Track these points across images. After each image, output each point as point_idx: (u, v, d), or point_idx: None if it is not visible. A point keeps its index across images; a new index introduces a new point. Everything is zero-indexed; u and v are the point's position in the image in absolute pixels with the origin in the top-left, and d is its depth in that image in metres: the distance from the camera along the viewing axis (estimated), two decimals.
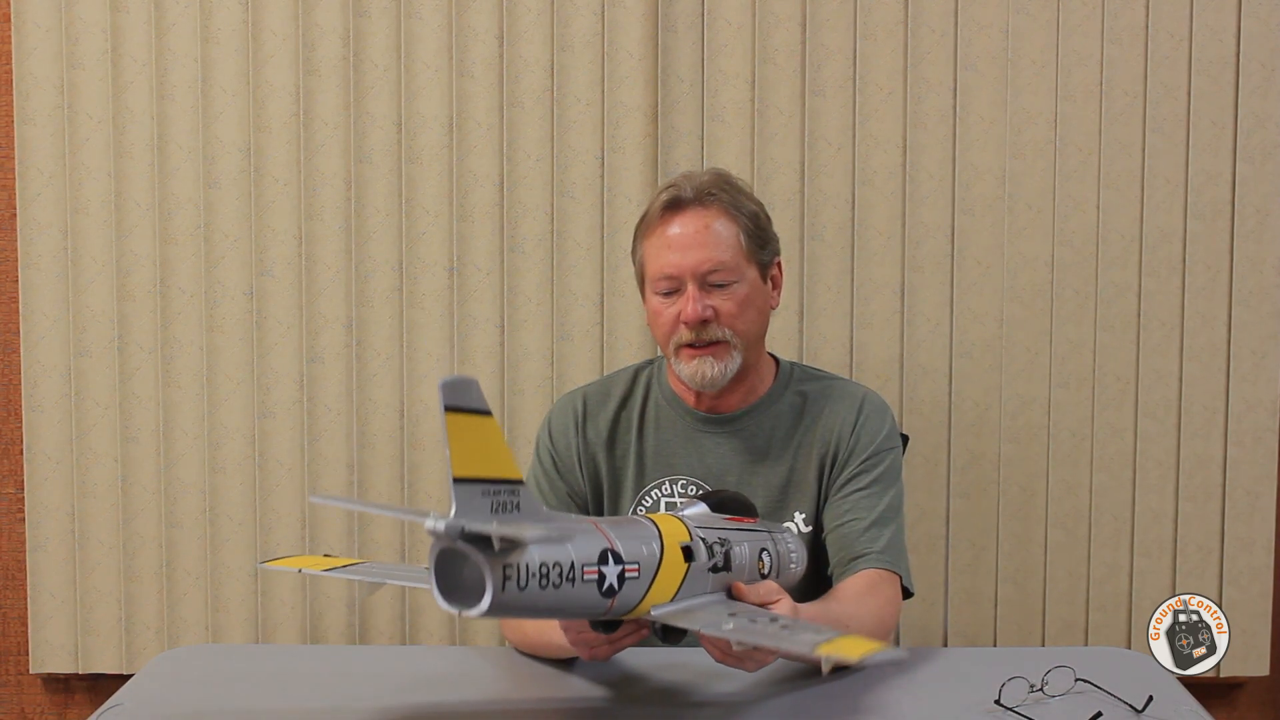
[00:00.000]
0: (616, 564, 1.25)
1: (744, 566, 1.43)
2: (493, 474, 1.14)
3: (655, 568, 1.30)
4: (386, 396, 2.35)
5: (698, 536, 1.38)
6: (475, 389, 1.13)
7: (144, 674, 1.67)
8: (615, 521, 1.32)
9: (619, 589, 1.26)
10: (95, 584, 2.38)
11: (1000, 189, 2.32)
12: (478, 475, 1.13)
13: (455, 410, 1.11)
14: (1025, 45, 2.30)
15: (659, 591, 1.31)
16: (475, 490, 1.12)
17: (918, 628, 2.36)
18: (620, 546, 1.26)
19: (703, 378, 1.75)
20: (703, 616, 1.32)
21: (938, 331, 2.34)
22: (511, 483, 1.16)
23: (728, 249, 1.74)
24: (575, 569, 1.20)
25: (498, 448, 1.15)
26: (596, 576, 1.23)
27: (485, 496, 1.13)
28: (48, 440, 2.37)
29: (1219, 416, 2.34)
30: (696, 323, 1.72)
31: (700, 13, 2.31)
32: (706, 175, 1.80)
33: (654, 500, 1.84)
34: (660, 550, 1.31)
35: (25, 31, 2.31)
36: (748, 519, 1.50)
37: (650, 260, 1.78)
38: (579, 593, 1.21)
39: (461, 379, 1.12)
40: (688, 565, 1.35)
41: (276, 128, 2.32)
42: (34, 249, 2.34)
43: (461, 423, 1.11)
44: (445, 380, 1.11)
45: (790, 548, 1.54)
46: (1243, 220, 2.31)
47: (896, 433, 1.86)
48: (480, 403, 1.13)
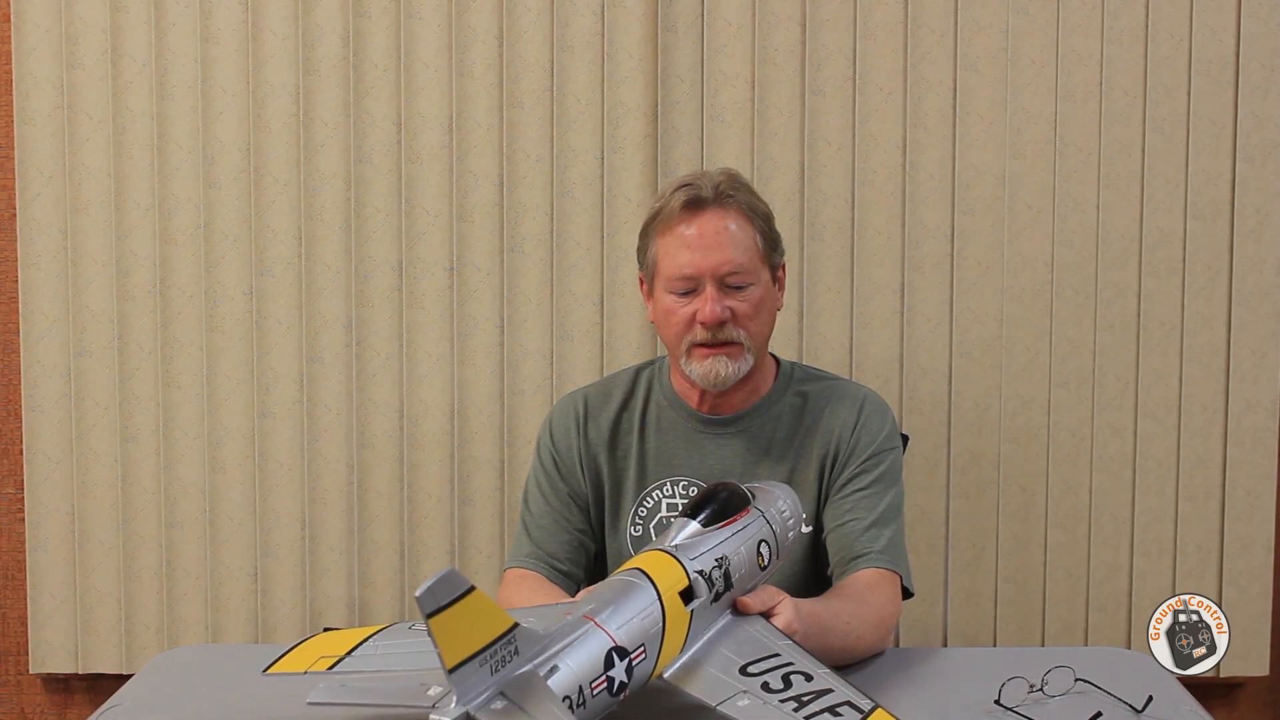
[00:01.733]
0: (622, 659, 1.22)
1: (745, 575, 1.41)
2: (484, 641, 1.11)
3: (660, 635, 1.27)
4: (386, 396, 2.35)
5: (694, 573, 1.34)
6: (451, 580, 1.07)
7: (144, 674, 1.67)
8: (610, 599, 1.27)
9: (629, 681, 1.23)
10: (95, 584, 2.38)
11: (1000, 189, 2.32)
12: (470, 653, 1.10)
13: (438, 613, 1.06)
14: (1025, 45, 2.30)
15: (667, 653, 1.28)
16: (471, 667, 1.10)
17: (918, 628, 2.36)
18: (623, 637, 1.23)
19: (716, 376, 1.75)
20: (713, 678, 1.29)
21: (938, 331, 2.34)
22: (504, 635, 1.12)
23: (745, 251, 1.73)
24: (585, 692, 1.18)
25: (485, 613, 1.11)
26: (605, 684, 1.20)
27: (483, 665, 1.11)
28: (48, 440, 2.37)
29: (1219, 416, 2.34)
30: (715, 323, 1.72)
31: (700, 13, 2.31)
32: (721, 175, 1.78)
33: (655, 501, 1.83)
34: (661, 610, 1.28)
35: (25, 31, 2.31)
36: (741, 514, 1.45)
37: (666, 259, 1.76)
38: (592, 708, 1.19)
39: (436, 582, 1.05)
40: (690, 612, 1.31)
41: (276, 128, 2.32)
42: (34, 249, 2.34)
43: (447, 620, 1.07)
44: (420, 592, 1.05)
45: (785, 513, 1.51)
46: (1243, 220, 2.31)
47: (897, 433, 1.86)
48: (460, 589, 1.08)
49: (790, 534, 1.52)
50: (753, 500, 1.49)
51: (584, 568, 1.86)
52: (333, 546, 2.37)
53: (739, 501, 1.46)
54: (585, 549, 1.86)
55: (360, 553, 2.37)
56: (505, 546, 2.35)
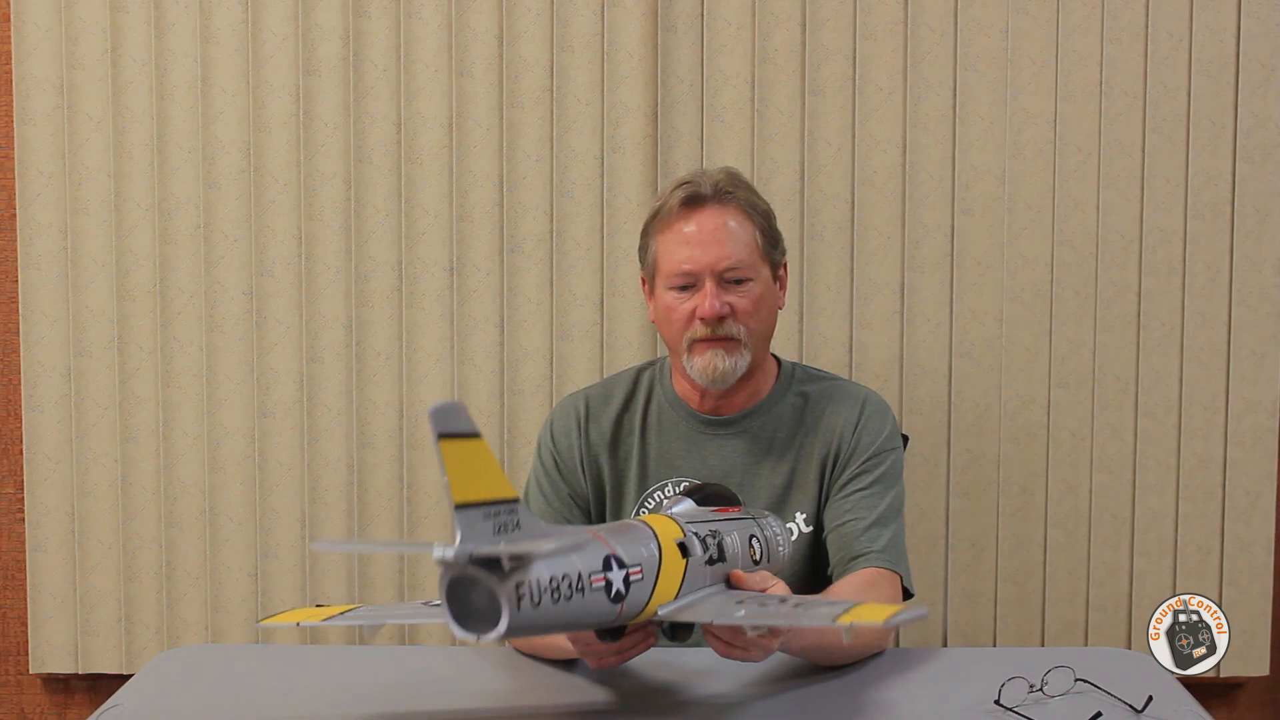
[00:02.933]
0: (620, 568, 1.25)
1: (737, 555, 1.45)
2: (491, 495, 1.14)
3: (656, 568, 1.31)
4: (386, 396, 2.35)
5: (690, 532, 1.39)
6: (464, 413, 1.12)
7: (144, 674, 1.67)
8: (611, 528, 1.33)
9: (626, 593, 1.26)
10: (95, 584, 2.38)
11: (1000, 189, 2.32)
12: (477, 499, 1.13)
13: (448, 436, 1.10)
14: (1025, 45, 2.30)
15: (663, 591, 1.32)
16: (477, 514, 1.12)
17: (917, 628, 2.36)
18: (621, 551, 1.27)
19: (714, 370, 1.75)
20: (711, 608, 1.33)
21: (938, 331, 2.34)
22: (509, 501, 1.16)
23: (745, 247, 1.74)
24: (583, 579, 1.21)
25: (492, 468, 1.15)
26: (604, 584, 1.23)
27: (487, 519, 1.13)
28: (48, 440, 2.37)
29: (1219, 417, 2.34)
30: (714, 319, 1.72)
31: (700, 13, 2.31)
32: (720, 173, 1.79)
33: (656, 502, 1.83)
34: (659, 550, 1.32)
35: (25, 31, 2.31)
36: (732, 508, 1.51)
37: (665, 255, 1.77)
38: (589, 602, 1.22)
39: (449, 405, 1.11)
40: (686, 561, 1.36)
41: (276, 128, 2.32)
42: (34, 249, 2.34)
43: (456, 448, 1.11)
44: (434, 408, 1.10)
45: (776, 531, 1.55)
46: (1243, 220, 2.31)
47: (898, 433, 1.86)
48: (470, 426, 1.13)
49: (780, 550, 1.55)
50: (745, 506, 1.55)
51: None
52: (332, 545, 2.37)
53: (732, 499, 1.53)
54: None
55: (360, 554, 2.37)
56: None
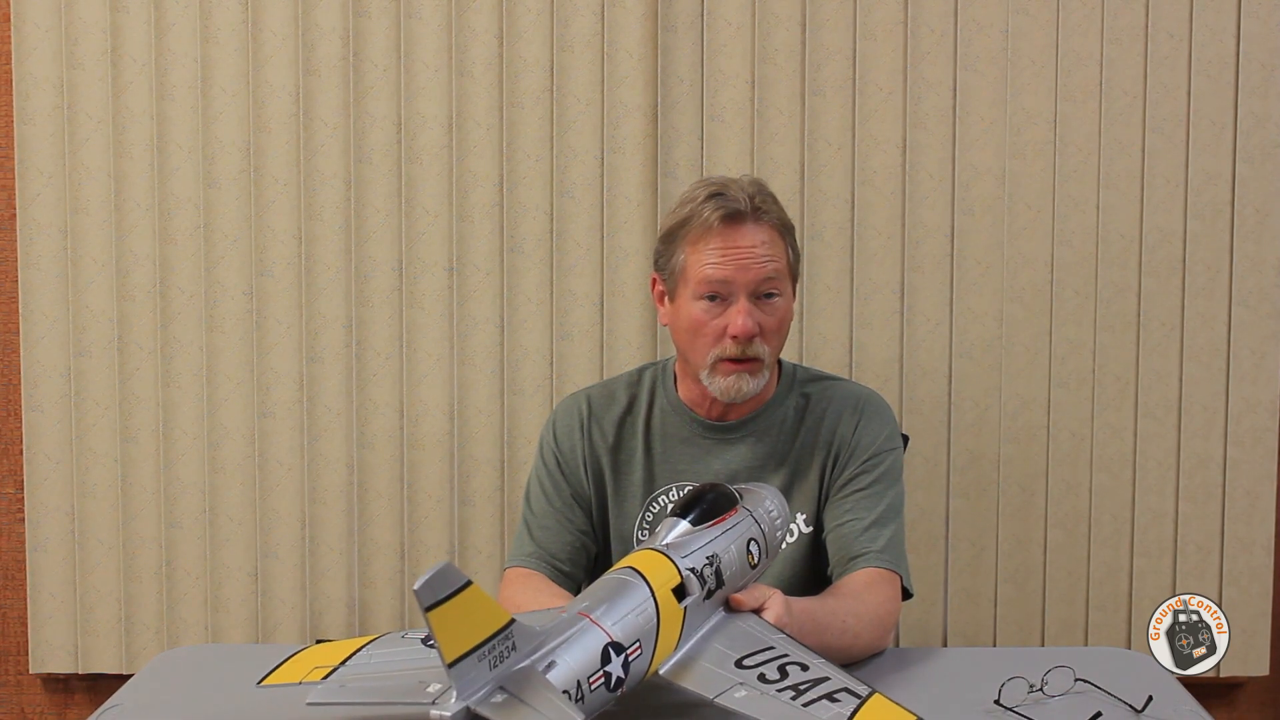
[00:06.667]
0: (618, 654, 1.23)
1: (735, 572, 1.42)
2: (483, 636, 1.12)
3: (655, 632, 1.28)
4: (386, 396, 2.35)
5: (686, 570, 1.35)
6: (448, 573, 1.08)
7: (144, 674, 1.67)
8: (605, 597, 1.28)
9: (626, 677, 1.24)
10: (95, 584, 2.38)
11: (1000, 189, 2.32)
12: (469, 648, 1.11)
13: (436, 606, 1.07)
14: (1025, 45, 2.30)
15: (663, 649, 1.29)
16: (470, 662, 1.11)
17: (918, 628, 2.36)
18: (618, 633, 1.24)
19: (739, 393, 1.76)
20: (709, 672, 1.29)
21: (937, 331, 2.34)
22: (502, 630, 1.14)
23: (778, 266, 1.74)
24: (582, 687, 1.19)
25: (483, 607, 1.12)
26: (603, 679, 1.21)
27: (481, 660, 1.12)
28: (48, 440, 2.37)
29: (1219, 416, 2.34)
30: (748, 337, 1.72)
31: (700, 13, 2.31)
32: (752, 186, 1.76)
33: (661, 507, 1.83)
34: (655, 607, 1.29)
35: (25, 31, 2.31)
36: (729, 513, 1.46)
37: (698, 266, 1.73)
38: (590, 703, 1.20)
39: (433, 575, 1.07)
40: (684, 609, 1.32)
41: (276, 128, 2.32)
42: (34, 249, 2.34)
43: (445, 614, 1.08)
44: (419, 585, 1.06)
45: (773, 512, 1.52)
46: (1243, 220, 2.31)
47: (897, 433, 1.86)
48: (457, 583, 1.09)
49: (779, 533, 1.53)
50: (740, 500, 1.50)
51: (585, 569, 1.86)
52: (332, 547, 2.37)
53: (726, 502, 1.47)
54: (587, 550, 1.86)
55: (360, 553, 2.37)
56: (505, 547, 2.35)
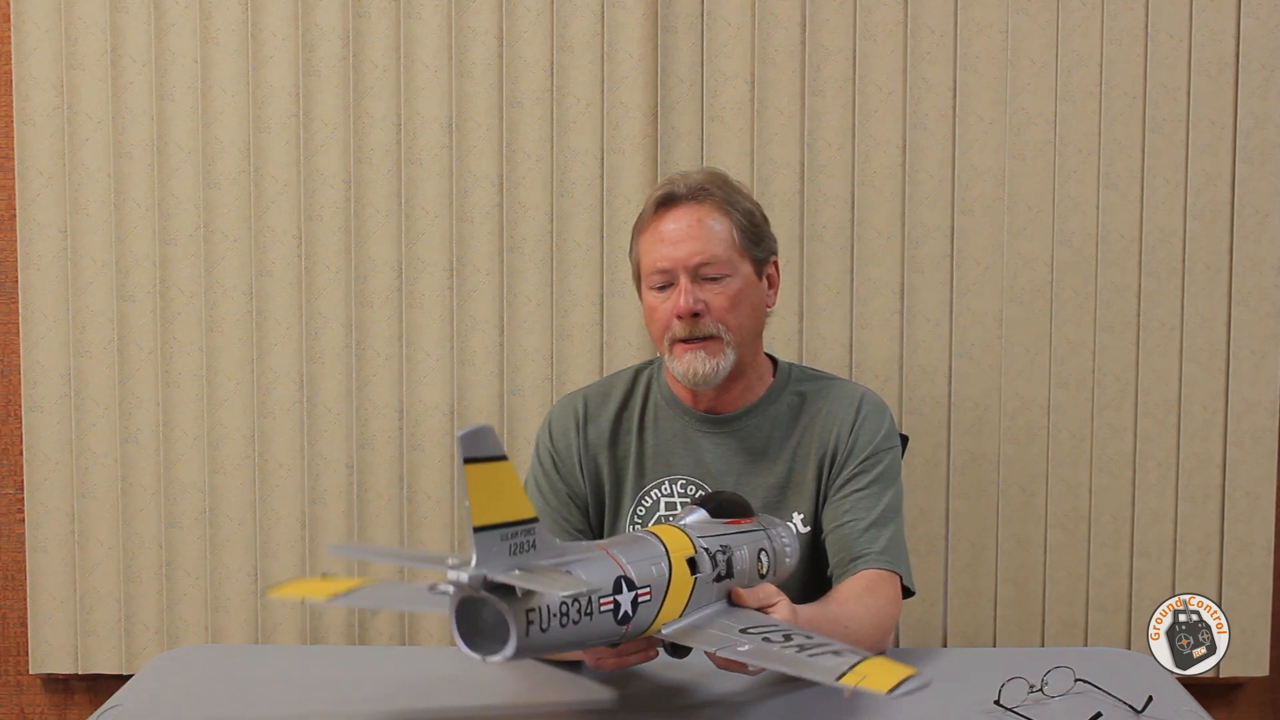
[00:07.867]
0: (630, 590, 1.26)
1: (744, 571, 1.45)
2: (509, 517, 1.16)
3: (665, 587, 1.31)
4: (386, 396, 2.35)
5: (701, 547, 1.39)
6: (491, 436, 1.14)
7: (144, 674, 1.67)
8: (623, 542, 1.33)
9: (633, 615, 1.27)
10: (95, 585, 2.38)
11: (1000, 189, 2.32)
12: (495, 521, 1.14)
13: (474, 461, 1.12)
14: (1025, 45, 2.30)
15: (669, 610, 1.33)
16: (494, 536, 1.14)
17: (917, 628, 2.36)
18: (632, 571, 1.28)
19: (695, 374, 1.75)
20: (715, 635, 1.33)
21: (937, 331, 2.34)
22: (527, 522, 1.17)
23: (719, 243, 1.75)
24: (593, 602, 1.22)
25: (513, 490, 1.16)
26: (612, 606, 1.25)
27: (503, 541, 1.15)
28: (48, 441, 2.37)
29: (1219, 417, 2.34)
30: (688, 315, 1.73)
31: (700, 13, 2.31)
32: (700, 174, 1.82)
33: (653, 500, 1.84)
34: (668, 568, 1.33)
35: (25, 31, 2.31)
36: (745, 520, 1.51)
37: (644, 255, 1.79)
38: (596, 624, 1.23)
39: (478, 429, 1.13)
40: (694, 579, 1.36)
41: (276, 128, 2.32)
42: (34, 249, 2.34)
43: (480, 472, 1.13)
44: (463, 433, 1.12)
45: (785, 541, 1.56)
46: (1242, 220, 2.31)
47: (895, 432, 1.86)
48: (496, 449, 1.15)
49: (787, 559, 1.56)
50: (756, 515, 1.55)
51: None
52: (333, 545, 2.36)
53: (744, 510, 1.52)
54: None
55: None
56: None
